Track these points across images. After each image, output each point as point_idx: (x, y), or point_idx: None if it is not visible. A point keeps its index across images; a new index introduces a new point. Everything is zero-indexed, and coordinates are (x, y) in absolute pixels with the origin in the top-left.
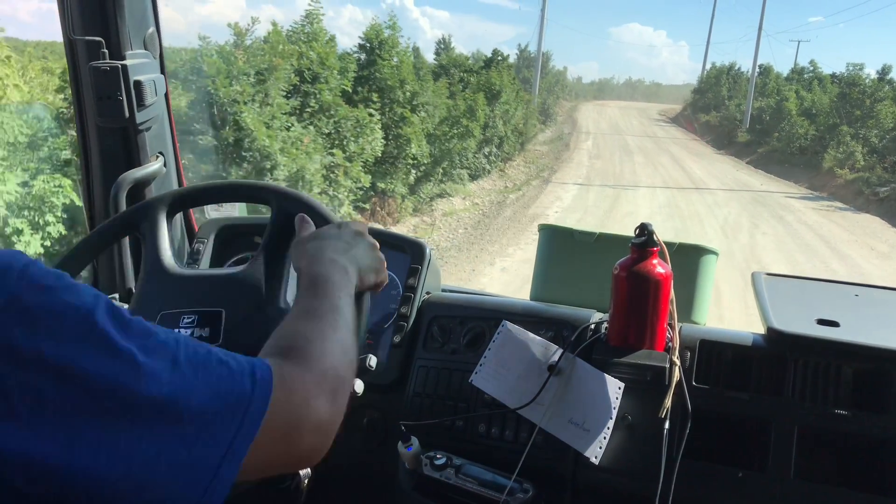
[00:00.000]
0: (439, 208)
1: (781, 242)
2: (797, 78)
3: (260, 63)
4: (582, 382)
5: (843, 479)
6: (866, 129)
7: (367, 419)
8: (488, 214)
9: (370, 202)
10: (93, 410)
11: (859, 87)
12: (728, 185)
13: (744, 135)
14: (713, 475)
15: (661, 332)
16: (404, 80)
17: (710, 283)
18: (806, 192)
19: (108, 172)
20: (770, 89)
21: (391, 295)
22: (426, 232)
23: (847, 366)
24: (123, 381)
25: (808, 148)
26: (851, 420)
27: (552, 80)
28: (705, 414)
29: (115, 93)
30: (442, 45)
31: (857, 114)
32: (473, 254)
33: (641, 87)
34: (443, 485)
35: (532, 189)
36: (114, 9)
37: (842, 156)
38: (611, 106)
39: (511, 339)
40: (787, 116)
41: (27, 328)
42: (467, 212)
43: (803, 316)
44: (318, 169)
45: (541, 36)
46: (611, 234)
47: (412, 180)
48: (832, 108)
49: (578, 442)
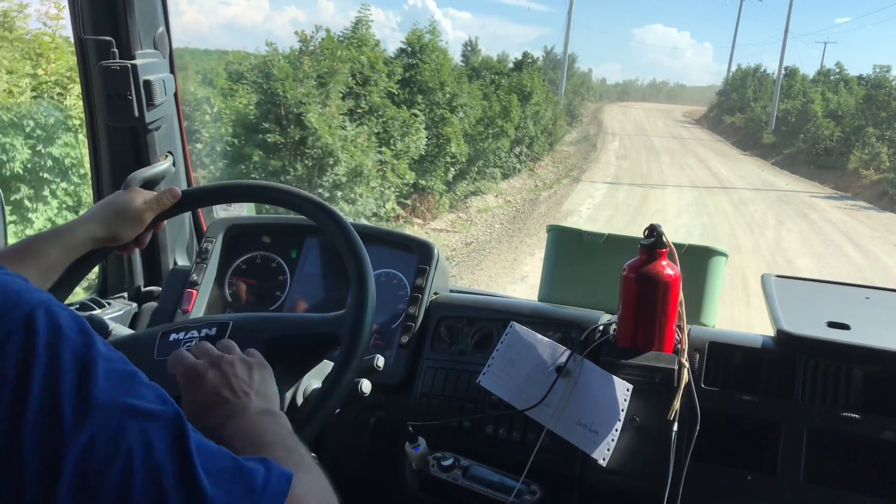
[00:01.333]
0: (474, 205)
1: (806, 238)
2: (823, 80)
3: (322, 67)
4: (590, 384)
5: (852, 482)
6: (892, 131)
7: (374, 419)
8: (522, 211)
9: (411, 198)
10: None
11: (885, 88)
12: (754, 184)
13: (769, 136)
14: (722, 478)
15: (669, 333)
16: (444, 83)
17: (719, 284)
18: (831, 192)
19: (117, 171)
20: (796, 91)
21: (399, 295)
22: (464, 226)
23: (857, 368)
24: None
25: (834, 149)
26: (861, 423)
27: (577, 82)
28: (714, 416)
29: (125, 92)
30: (469, 48)
31: (882, 115)
32: (514, 245)
33: (665, 89)
34: (450, 486)
35: (563, 188)
36: (124, 8)
37: (867, 157)
38: (635, 107)
39: (519, 340)
40: (813, 118)
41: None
42: (501, 208)
43: (813, 318)
44: (374, 164)
45: (567, 38)
46: (619, 236)
47: (451, 178)
48: (858, 110)
49: (586, 443)
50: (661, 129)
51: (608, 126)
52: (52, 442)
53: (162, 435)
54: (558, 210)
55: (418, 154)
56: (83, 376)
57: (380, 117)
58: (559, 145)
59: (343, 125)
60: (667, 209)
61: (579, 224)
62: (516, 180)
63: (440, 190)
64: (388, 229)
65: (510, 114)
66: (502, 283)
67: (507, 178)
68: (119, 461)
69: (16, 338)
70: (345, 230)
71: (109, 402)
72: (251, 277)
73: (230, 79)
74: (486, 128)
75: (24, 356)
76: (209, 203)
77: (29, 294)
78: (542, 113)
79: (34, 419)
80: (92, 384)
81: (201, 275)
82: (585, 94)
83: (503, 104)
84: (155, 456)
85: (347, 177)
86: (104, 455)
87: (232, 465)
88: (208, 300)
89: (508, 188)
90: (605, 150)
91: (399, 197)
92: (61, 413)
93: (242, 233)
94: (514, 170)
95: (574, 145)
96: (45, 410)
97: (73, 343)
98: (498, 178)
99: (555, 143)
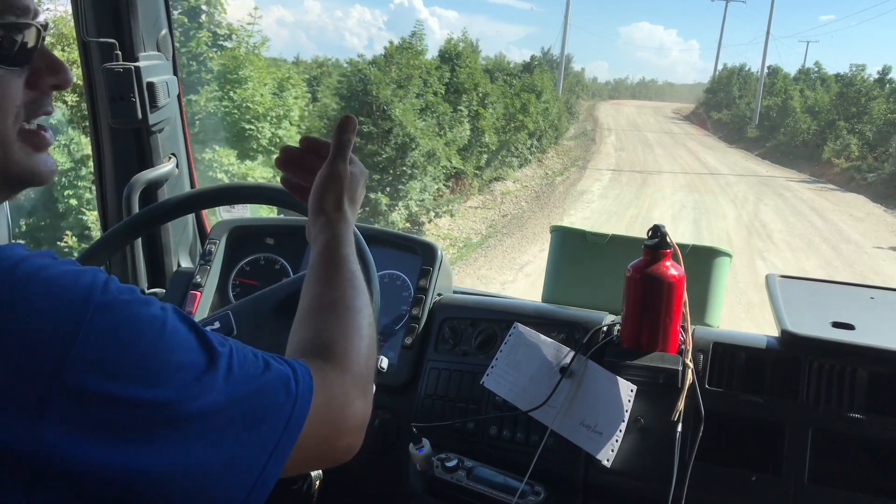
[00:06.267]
0: (497, 189)
1: (779, 210)
2: (804, 78)
3: (402, 73)
4: (594, 385)
5: (857, 483)
6: (861, 125)
7: (378, 420)
8: (542, 193)
9: (451, 181)
10: (159, 420)
11: (855, 86)
12: (738, 171)
13: (753, 131)
14: (726, 479)
15: (673, 334)
16: (477, 84)
17: (723, 285)
18: (806, 178)
19: (120, 173)
20: (778, 89)
21: (402, 296)
22: (495, 205)
23: (862, 369)
24: (188, 391)
25: (810, 141)
26: (866, 424)
27: (573, 81)
28: (718, 417)
29: (129, 94)
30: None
31: (853, 110)
32: (546, 213)
33: (654, 87)
34: (454, 487)
35: (572, 174)
36: (127, 11)
37: (839, 147)
38: (627, 105)
39: (523, 340)
40: (792, 113)
41: (111, 341)
42: (521, 192)
43: (818, 318)
44: (443, 149)
45: (564, 38)
46: (623, 236)
47: (483, 164)
48: (832, 106)
49: (590, 444)
50: (652, 124)
51: (603, 122)
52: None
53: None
54: (574, 189)
55: (463, 143)
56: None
57: (433, 113)
58: (562, 140)
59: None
60: (664, 189)
61: (592, 198)
62: (528, 170)
63: (473, 174)
64: (391, 231)
65: (528, 110)
66: (544, 237)
67: (521, 167)
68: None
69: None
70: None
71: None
72: (255, 279)
73: (310, 84)
74: (508, 122)
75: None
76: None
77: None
78: (550, 109)
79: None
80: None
81: (205, 277)
82: (580, 92)
83: (522, 102)
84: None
85: (424, 158)
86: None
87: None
88: (212, 302)
89: (522, 176)
90: (604, 143)
91: (444, 179)
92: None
93: (246, 234)
94: (527, 160)
95: (574, 140)
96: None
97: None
98: (515, 167)
99: (559, 138)
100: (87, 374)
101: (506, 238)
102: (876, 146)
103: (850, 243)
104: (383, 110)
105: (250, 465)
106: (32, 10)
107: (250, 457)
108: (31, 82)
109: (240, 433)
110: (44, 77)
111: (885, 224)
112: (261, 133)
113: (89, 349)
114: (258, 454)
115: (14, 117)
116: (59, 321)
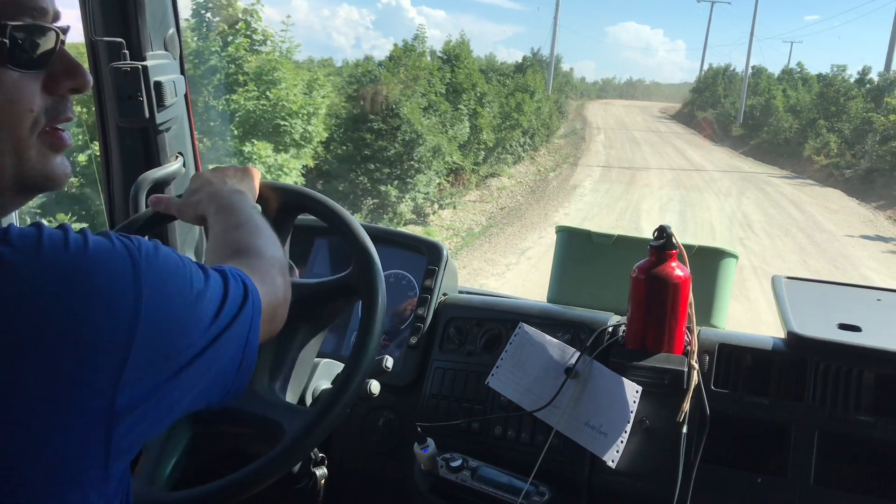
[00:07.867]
0: (493, 185)
1: (760, 203)
2: (787, 78)
3: (409, 74)
4: (599, 385)
5: (864, 485)
6: (840, 123)
7: (382, 420)
8: (536, 188)
9: (450, 176)
10: (190, 358)
11: (835, 86)
12: (722, 168)
13: (738, 129)
14: (731, 480)
15: (679, 335)
16: (475, 84)
17: (729, 286)
18: (787, 174)
19: (128, 172)
20: (762, 88)
21: (408, 296)
22: (492, 198)
23: (869, 371)
24: (208, 333)
25: (792, 139)
26: (873, 426)
27: (562, 81)
28: (724, 418)
29: (136, 93)
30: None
31: (832, 109)
32: (542, 205)
33: (642, 87)
34: (458, 487)
35: (564, 170)
36: (135, 10)
37: (819, 145)
38: (615, 104)
39: (528, 341)
40: (775, 113)
41: (163, 298)
42: (515, 187)
43: (824, 320)
44: (447, 145)
45: (553, 40)
46: (629, 237)
47: (480, 160)
48: (813, 105)
49: (595, 445)
50: (640, 123)
51: (592, 121)
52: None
53: None
54: (567, 184)
55: (463, 140)
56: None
57: (436, 111)
58: (553, 138)
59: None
60: (652, 184)
61: (584, 192)
62: (521, 167)
63: (471, 169)
64: (397, 230)
65: (523, 108)
66: (542, 226)
67: (515, 164)
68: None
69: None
70: (355, 231)
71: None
72: None
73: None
74: (504, 120)
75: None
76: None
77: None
78: (542, 108)
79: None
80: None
81: None
82: (569, 91)
83: (517, 101)
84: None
85: (431, 153)
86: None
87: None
88: None
89: (516, 172)
90: (594, 141)
91: (444, 174)
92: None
93: None
94: (520, 158)
95: (564, 138)
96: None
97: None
98: (509, 164)
99: (550, 136)
100: (153, 326)
101: (507, 227)
102: (853, 144)
103: (824, 232)
104: (392, 108)
105: (233, 361)
106: (52, 12)
107: (233, 353)
108: (48, 86)
109: (224, 342)
110: (61, 80)
111: (858, 216)
112: (293, 128)
113: (152, 307)
114: (236, 348)
115: (32, 123)
116: (122, 285)
